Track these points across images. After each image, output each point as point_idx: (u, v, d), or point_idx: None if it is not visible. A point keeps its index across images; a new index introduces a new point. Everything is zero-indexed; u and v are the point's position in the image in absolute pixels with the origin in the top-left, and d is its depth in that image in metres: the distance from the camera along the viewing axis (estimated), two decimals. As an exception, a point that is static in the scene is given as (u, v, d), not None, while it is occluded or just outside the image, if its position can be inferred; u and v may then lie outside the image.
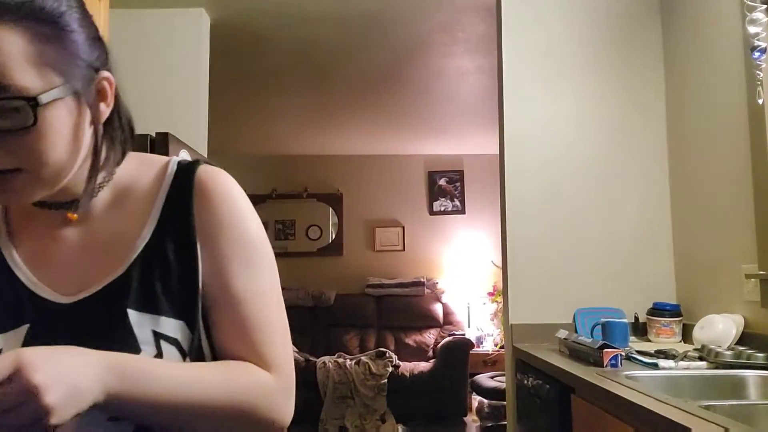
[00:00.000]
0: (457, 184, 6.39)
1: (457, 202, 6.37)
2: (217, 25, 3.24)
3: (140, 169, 0.79)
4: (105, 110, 0.74)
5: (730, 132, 2.17)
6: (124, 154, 0.79)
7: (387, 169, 6.40)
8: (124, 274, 0.72)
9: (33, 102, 0.63)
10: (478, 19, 3.21)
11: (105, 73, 0.74)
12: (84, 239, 0.75)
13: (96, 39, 0.74)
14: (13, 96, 0.62)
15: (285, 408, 0.74)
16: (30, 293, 0.72)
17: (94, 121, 0.72)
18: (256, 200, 6.20)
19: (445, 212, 6.36)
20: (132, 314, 0.69)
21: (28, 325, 0.70)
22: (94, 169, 0.73)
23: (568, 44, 2.65)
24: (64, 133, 0.68)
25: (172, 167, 0.78)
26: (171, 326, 0.70)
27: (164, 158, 0.80)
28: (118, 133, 0.78)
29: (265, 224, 6.35)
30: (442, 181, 6.39)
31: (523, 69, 2.64)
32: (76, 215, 0.75)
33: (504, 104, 2.63)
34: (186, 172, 0.77)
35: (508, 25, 2.66)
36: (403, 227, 6.31)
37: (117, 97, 0.77)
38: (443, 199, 6.37)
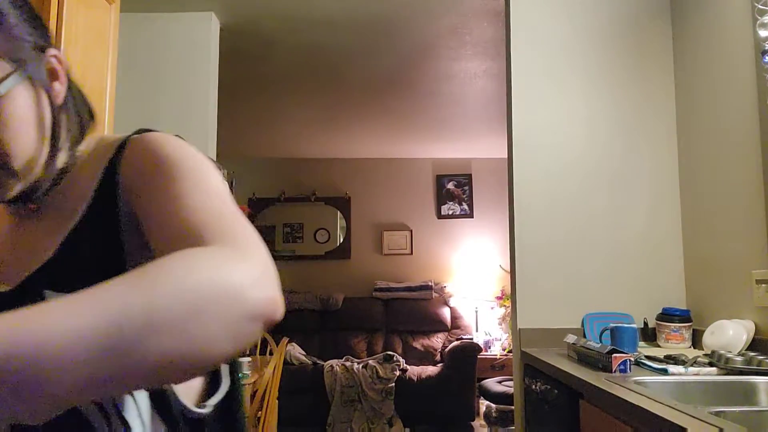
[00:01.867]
0: (465, 187, 6.38)
1: (465, 206, 6.36)
2: (227, 29, 3.26)
3: (96, 150, 0.75)
4: (59, 89, 0.72)
5: (741, 136, 2.16)
6: (83, 136, 0.76)
7: (395, 173, 6.40)
8: (51, 257, 0.68)
9: None
10: (486, 22, 3.21)
11: (52, 51, 0.71)
12: (36, 226, 0.73)
13: (35, 17, 0.71)
14: None
15: (257, 272, 0.50)
16: None
17: (51, 103, 0.70)
18: (265, 203, 6.23)
19: (453, 216, 6.35)
20: (48, 295, 0.65)
21: None
22: (53, 153, 0.70)
23: (577, 47, 2.64)
24: (26, 120, 0.66)
25: (117, 143, 0.73)
26: None
27: (117, 135, 0.75)
28: (74, 114, 0.75)
29: (273, 227, 6.39)
30: (450, 185, 6.38)
31: (531, 72, 2.63)
32: (34, 205, 0.73)
33: (512, 107, 2.62)
34: (124, 140, 0.72)
35: (517, 28, 2.65)
36: (411, 231, 6.31)
37: (69, 78, 0.74)
38: (451, 202, 6.37)
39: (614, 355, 1.82)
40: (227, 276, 0.48)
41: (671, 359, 1.90)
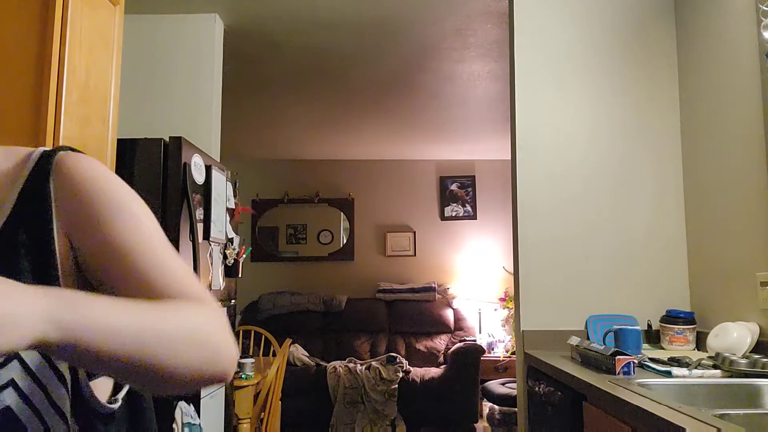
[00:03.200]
0: (469, 189, 6.38)
1: (468, 208, 6.35)
2: (231, 31, 3.27)
3: (5, 160, 0.75)
4: None
5: (745, 138, 2.15)
6: None
7: (398, 174, 6.40)
8: None
9: None
10: (489, 24, 3.21)
11: None
12: None
13: None
14: None
15: (231, 337, 0.68)
16: None
17: None
18: (268, 204, 6.24)
19: (456, 218, 6.35)
20: None
21: None
22: None
23: (581, 49, 2.64)
24: None
25: (35, 156, 0.74)
26: None
27: (30, 149, 0.76)
28: None
29: (277, 229, 6.39)
30: (453, 187, 6.38)
31: (535, 74, 2.63)
32: None
33: (516, 109, 2.62)
34: (46, 158, 0.73)
35: (521, 29, 2.65)
36: (415, 232, 6.31)
37: None
38: (455, 204, 6.36)
39: (618, 357, 1.82)
40: (229, 345, 0.67)
41: (675, 361, 1.90)
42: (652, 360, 1.95)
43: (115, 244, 0.70)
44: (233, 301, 2.96)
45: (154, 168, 2.37)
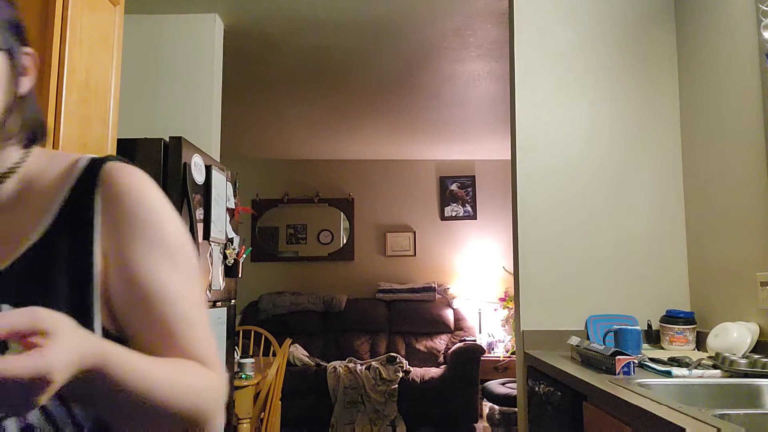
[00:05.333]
0: (469, 189, 6.38)
1: (468, 208, 6.35)
2: (231, 31, 3.27)
3: (49, 164, 0.75)
4: (26, 84, 0.73)
5: (745, 138, 2.15)
6: (32, 142, 0.76)
7: (398, 174, 6.40)
8: (7, 267, 0.67)
9: None
10: (489, 23, 3.21)
11: (29, 49, 0.74)
12: None
13: (19, 15, 0.74)
14: None
15: (222, 406, 0.71)
16: None
17: (15, 90, 0.71)
18: (268, 205, 6.24)
19: (456, 218, 6.35)
20: (5, 308, 0.64)
21: None
22: (4, 138, 0.71)
23: (581, 49, 2.64)
24: None
25: (83, 163, 0.73)
26: None
27: (76, 155, 0.75)
28: (29, 118, 0.75)
29: (277, 229, 6.40)
30: (453, 187, 6.38)
31: (535, 73, 2.63)
32: None
33: (516, 109, 2.62)
34: (93, 167, 0.72)
35: (521, 29, 2.65)
36: (415, 232, 6.31)
37: (34, 86, 0.76)
38: (455, 204, 6.36)
39: (618, 357, 1.82)
40: (218, 420, 0.70)
41: (675, 361, 1.90)
42: (652, 360, 1.95)
43: (149, 291, 0.69)
44: (233, 301, 2.95)
45: (154, 168, 2.36)
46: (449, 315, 5.70)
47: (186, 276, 0.73)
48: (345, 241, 6.32)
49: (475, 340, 5.37)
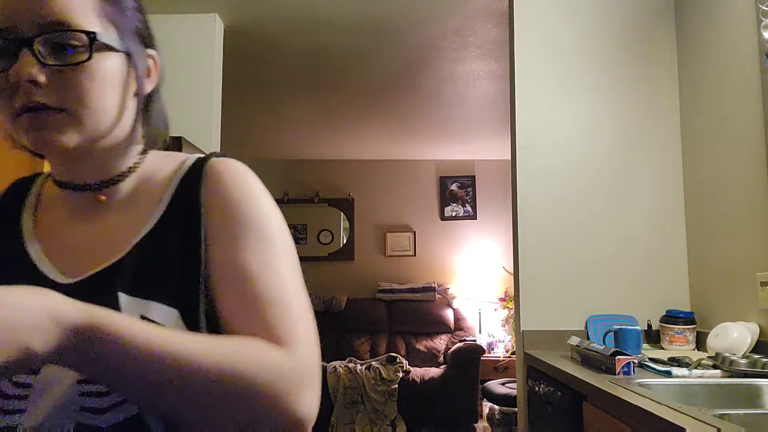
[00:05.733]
0: (469, 189, 6.38)
1: (468, 208, 6.35)
2: (231, 31, 3.27)
3: (163, 164, 0.79)
4: (148, 86, 0.78)
5: (745, 137, 2.15)
6: (155, 142, 0.81)
7: (398, 174, 6.40)
8: (121, 258, 0.70)
9: (92, 35, 0.67)
10: (489, 23, 3.21)
11: (152, 51, 0.79)
12: (100, 225, 0.75)
13: (146, 19, 0.79)
14: (74, 29, 0.66)
15: (300, 394, 0.61)
16: (33, 267, 0.72)
17: (139, 92, 0.76)
18: (268, 205, 6.23)
19: (456, 218, 6.35)
20: (122, 297, 0.67)
21: None
22: (129, 140, 0.76)
23: (581, 49, 2.64)
24: (112, 84, 0.71)
25: (190, 162, 0.78)
26: (162, 313, 0.67)
27: (187, 154, 0.81)
28: (154, 118, 0.81)
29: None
30: (453, 187, 6.38)
31: (535, 74, 2.63)
32: (104, 196, 0.76)
33: (516, 109, 2.62)
34: (200, 161, 0.77)
35: (521, 29, 2.65)
36: (415, 232, 6.31)
37: (158, 88, 0.81)
38: (455, 204, 6.36)
39: (618, 357, 1.82)
40: (289, 403, 0.61)
41: (675, 361, 1.90)
42: (652, 360, 1.95)
43: (243, 267, 0.69)
44: (233, 301, 2.96)
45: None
46: (449, 315, 5.70)
47: (284, 258, 0.73)
48: (345, 241, 6.32)
49: (475, 340, 5.37)
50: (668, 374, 1.77)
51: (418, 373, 4.94)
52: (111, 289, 0.68)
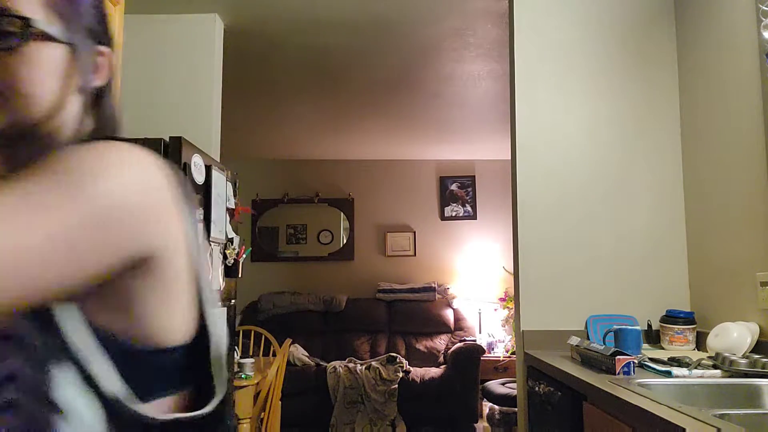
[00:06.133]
0: (469, 189, 6.38)
1: (468, 208, 6.36)
2: (231, 31, 3.27)
3: None
4: (95, 82, 0.75)
5: (745, 137, 2.15)
6: (103, 139, 0.78)
7: (398, 174, 6.40)
8: None
9: (26, 21, 0.65)
10: (489, 23, 3.21)
11: (103, 48, 0.75)
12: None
13: (104, 16, 0.76)
14: (8, 14, 0.64)
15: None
16: None
17: (82, 88, 0.73)
18: (268, 205, 6.23)
19: (456, 218, 6.35)
20: None
21: None
22: (74, 135, 0.73)
23: (581, 49, 2.64)
24: (48, 73, 0.68)
25: None
26: None
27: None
28: (102, 116, 0.77)
29: (277, 229, 6.40)
30: (453, 187, 6.38)
31: (535, 74, 2.63)
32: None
33: (516, 109, 2.62)
34: None
35: (521, 29, 2.65)
36: (415, 232, 6.31)
37: (110, 86, 0.77)
38: (455, 204, 6.36)
39: (618, 357, 1.82)
40: None
41: (675, 361, 1.90)
42: (652, 360, 1.95)
43: None
44: (233, 301, 2.96)
45: (154, 168, 2.36)
46: (449, 315, 5.70)
47: None
48: (345, 241, 6.32)
49: (475, 340, 5.37)
50: (668, 374, 1.77)
51: (418, 373, 4.94)
52: None
